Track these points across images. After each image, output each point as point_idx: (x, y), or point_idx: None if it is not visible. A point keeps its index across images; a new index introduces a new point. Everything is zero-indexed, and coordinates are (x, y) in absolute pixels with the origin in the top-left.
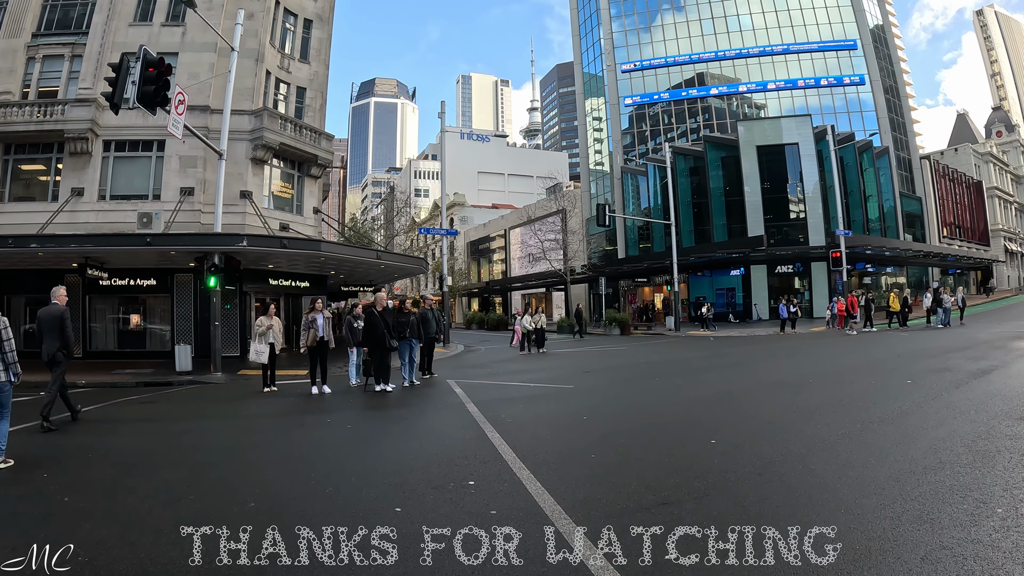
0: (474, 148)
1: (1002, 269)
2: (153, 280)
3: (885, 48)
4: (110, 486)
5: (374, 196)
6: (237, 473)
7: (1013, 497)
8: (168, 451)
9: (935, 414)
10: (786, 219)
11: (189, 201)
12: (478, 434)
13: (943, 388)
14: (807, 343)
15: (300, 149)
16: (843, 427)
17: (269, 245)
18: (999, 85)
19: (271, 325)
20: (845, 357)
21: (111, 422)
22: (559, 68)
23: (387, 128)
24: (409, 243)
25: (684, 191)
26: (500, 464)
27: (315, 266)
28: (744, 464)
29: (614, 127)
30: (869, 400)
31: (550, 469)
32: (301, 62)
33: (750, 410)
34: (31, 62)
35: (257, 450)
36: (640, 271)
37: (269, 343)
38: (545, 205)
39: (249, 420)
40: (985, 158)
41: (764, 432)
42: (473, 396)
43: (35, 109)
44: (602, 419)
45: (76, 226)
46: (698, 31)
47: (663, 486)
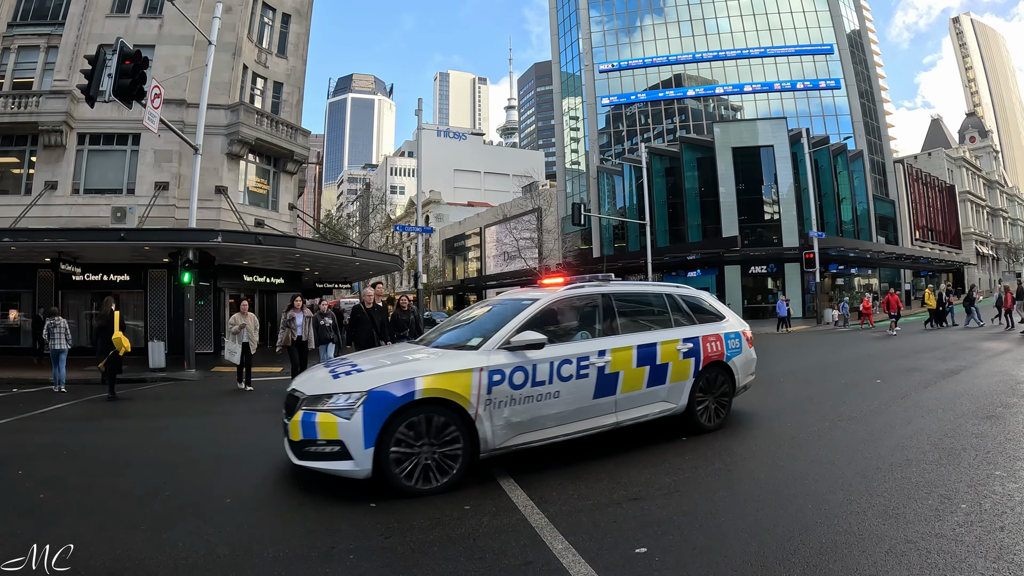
0: (450, 146)
1: (973, 272)
2: (126, 276)
3: (861, 53)
4: (84, 483)
5: (350, 193)
6: (212, 470)
7: (977, 493)
8: (144, 448)
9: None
10: (760, 220)
11: (164, 196)
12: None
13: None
14: (838, 342)
15: (276, 145)
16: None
17: (244, 241)
18: (973, 92)
19: (244, 324)
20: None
21: (85, 420)
22: (537, 67)
23: (364, 124)
24: (384, 240)
25: (660, 191)
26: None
27: (290, 263)
28: (714, 461)
29: (591, 127)
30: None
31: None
32: (279, 57)
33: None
34: (6, 53)
35: (234, 447)
36: (615, 270)
37: (243, 342)
38: (521, 203)
39: (223, 417)
40: (958, 163)
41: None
42: None
43: (9, 101)
44: None
45: (50, 220)
46: (676, 33)
47: (634, 481)
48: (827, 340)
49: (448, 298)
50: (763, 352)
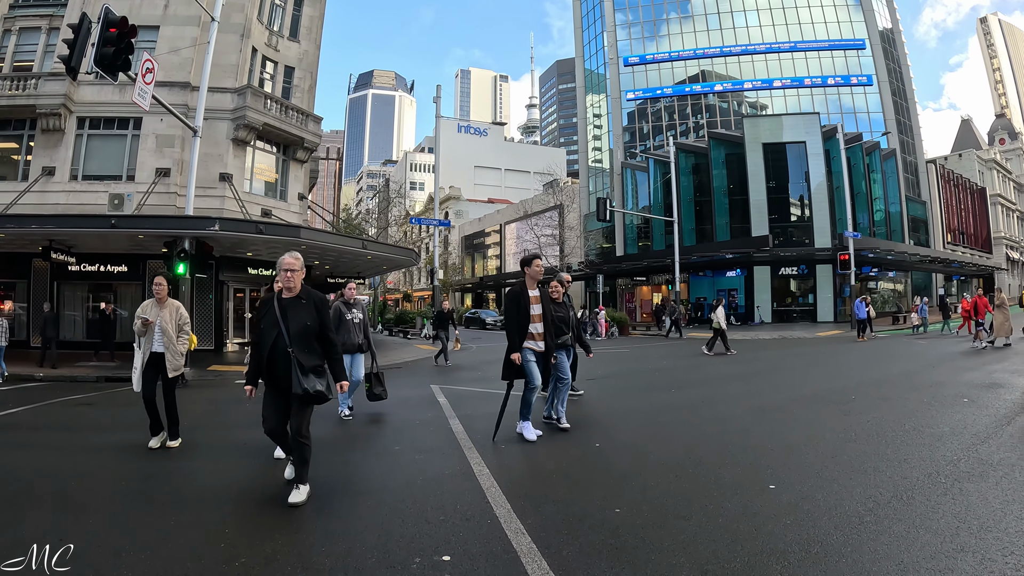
0: (471, 141)
1: (1003, 277)
2: (124, 267)
3: (893, 49)
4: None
5: (369, 188)
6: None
7: None
8: (65, 476)
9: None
10: (790, 220)
11: (164, 183)
12: (462, 469)
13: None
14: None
15: (285, 131)
16: None
17: (243, 230)
18: (1001, 93)
19: (153, 320)
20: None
21: (26, 430)
22: (559, 64)
23: (384, 121)
24: (403, 235)
25: (686, 189)
26: (489, 523)
27: None
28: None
29: (615, 122)
30: None
31: (561, 537)
32: (290, 40)
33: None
34: (7, 35)
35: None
36: (639, 269)
37: (155, 351)
38: (542, 200)
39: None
40: (989, 165)
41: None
42: (459, 408)
43: (8, 83)
44: (620, 448)
45: (46, 207)
46: (703, 26)
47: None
48: (944, 350)
49: (467, 295)
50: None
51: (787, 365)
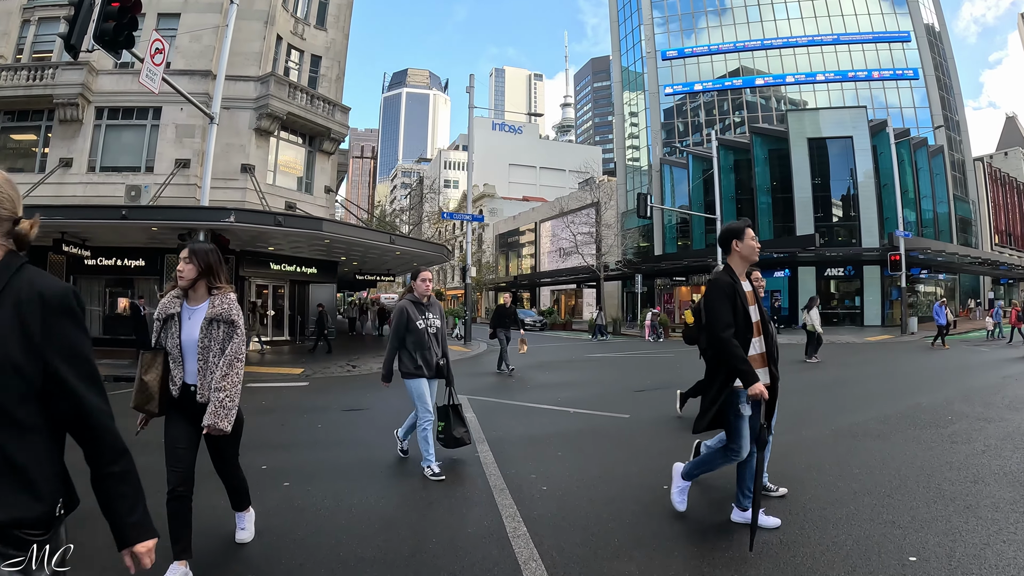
0: (505, 139)
1: None
2: (142, 261)
3: (938, 41)
4: None
5: (403, 186)
6: None
7: None
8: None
9: None
10: (836, 218)
11: (184, 174)
12: (492, 525)
13: None
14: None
15: (311, 121)
16: None
17: (261, 222)
18: None
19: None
20: None
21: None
22: (593, 62)
23: (419, 119)
24: (436, 233)
25: (727, 186)
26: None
27: (321, 250)
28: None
29: (653, 117)
30: None
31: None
32: (317, 28)
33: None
34: (26, 25)
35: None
36: (679, 269)
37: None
38: (579, 197)
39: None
40: None
41: None
42: (489, 430)
43: (27, 73)
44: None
45: (63, 199)
46: (743, 18)
47: None
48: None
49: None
50: None
51: (855, 377)
